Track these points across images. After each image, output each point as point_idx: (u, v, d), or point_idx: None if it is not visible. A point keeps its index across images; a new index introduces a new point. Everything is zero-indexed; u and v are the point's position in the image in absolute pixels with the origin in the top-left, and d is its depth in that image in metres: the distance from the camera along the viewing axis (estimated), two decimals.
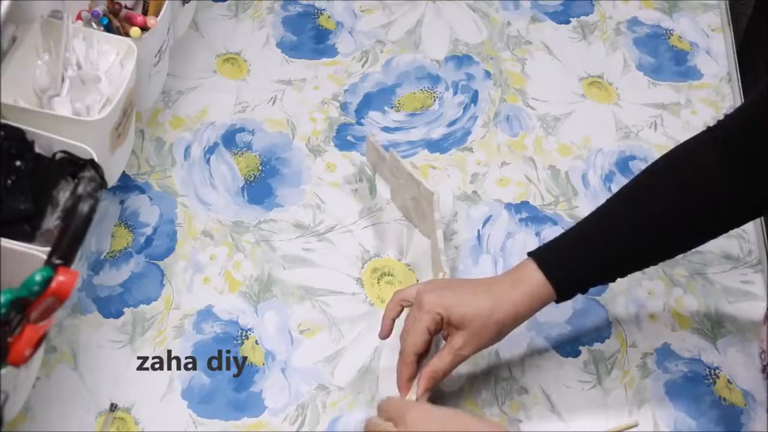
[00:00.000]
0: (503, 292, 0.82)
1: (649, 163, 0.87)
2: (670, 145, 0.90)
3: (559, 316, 0.94)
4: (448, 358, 0.82)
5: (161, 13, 0.94)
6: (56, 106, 0.85)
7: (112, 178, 0.92)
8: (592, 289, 0.95)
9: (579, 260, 0.83)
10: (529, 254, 0.84)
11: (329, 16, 1.22)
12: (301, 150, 1.07)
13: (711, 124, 0.86)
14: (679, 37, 1.23)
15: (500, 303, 0.81)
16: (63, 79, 0.85)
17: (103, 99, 0.87)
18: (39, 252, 0.72)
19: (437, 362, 0.82)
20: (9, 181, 0.75)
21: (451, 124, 1.11)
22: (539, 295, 0.82)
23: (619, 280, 0.90)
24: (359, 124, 1.10)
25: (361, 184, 1.04)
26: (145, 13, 0.96)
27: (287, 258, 0.97)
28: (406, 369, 0.83)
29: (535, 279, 0.82)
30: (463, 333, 0.81)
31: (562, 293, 0.83)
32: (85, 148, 0.79)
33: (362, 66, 1.17)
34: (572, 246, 0.84)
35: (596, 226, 0.84)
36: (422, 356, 0.83)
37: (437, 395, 0.87)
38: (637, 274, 0.96)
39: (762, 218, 1.03)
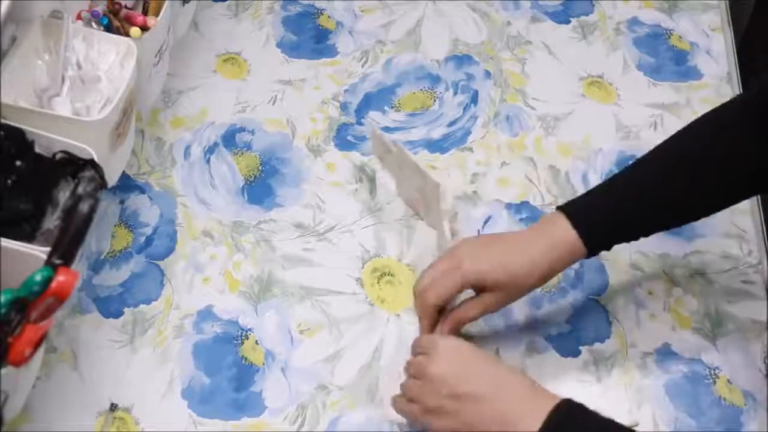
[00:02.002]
0: (538, 255, 0.83)
1: None
2: None
3: (559, 316, 0.94)
4: (477, 312, 0.84)
5: (161, 13, 0.94)
6: (56, 106, 0.84)
7: (112, 178, 0.92)
8: (592, 289, 0.96)
9: (612, 217, 0.84)
10: (560, 209, 0.85)
11: (329, 16, 1.22)
12: (301, 150, 1.07)
13: None
14: (679, 37, 1.23)
15: (534, 266, 0.83)
16: (63, 79, 0.85)
17: (103, 99, 0.87)
18: (39, 252, 0.72)
19: (465, 311, 0.84)
20: (9, 181, 0.75)
21: (451, 124, 1.11)
22: (571, 255, 0.84)
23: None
24: (359, 124, 1.10)
25: (361, 184, 1.04)
26: (145, 13, 0.96)
27: (287, 258, 0.97)
28: (427, 319, 0.85)
29: (569, 239, 0.83)
30: (496, 294, 0.83)
31: (593, 251, 0.84)
32: (85, 148, 0.79)
33: (362, 66, 1.17)
34: (604, 202, 0.85)
35: (626, 183, 0.86)
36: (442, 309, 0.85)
37: None
38: (637, 274, 0.97)
39: (762, 218, 1.03)
